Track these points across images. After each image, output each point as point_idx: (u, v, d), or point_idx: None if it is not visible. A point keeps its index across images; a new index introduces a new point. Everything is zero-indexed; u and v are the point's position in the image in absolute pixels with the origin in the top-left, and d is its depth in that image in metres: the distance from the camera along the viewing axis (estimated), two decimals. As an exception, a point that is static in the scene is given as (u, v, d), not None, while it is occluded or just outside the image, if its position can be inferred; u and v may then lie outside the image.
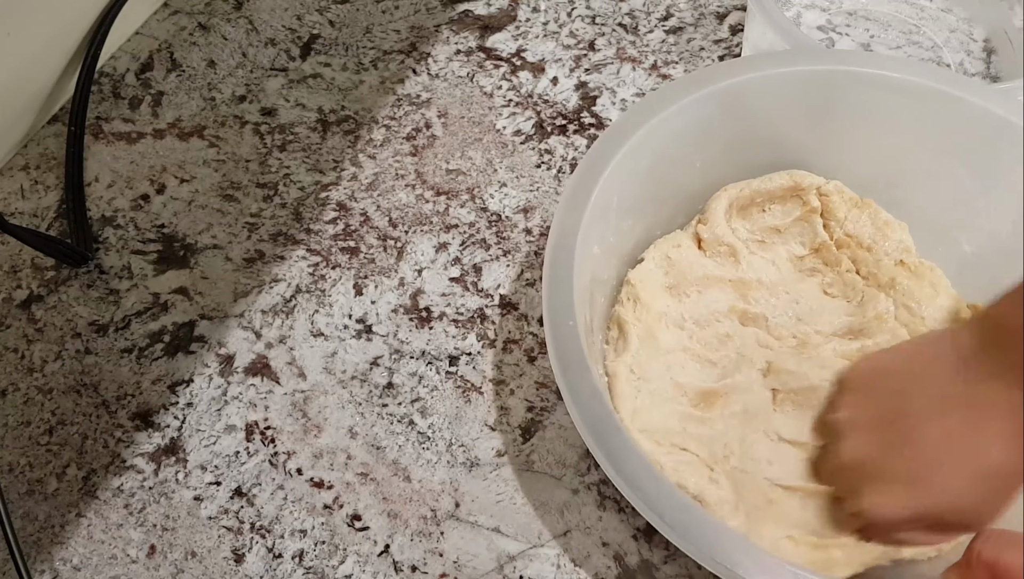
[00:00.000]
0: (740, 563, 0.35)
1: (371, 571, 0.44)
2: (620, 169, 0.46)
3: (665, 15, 0.67)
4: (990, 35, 0.64)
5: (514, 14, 0.67)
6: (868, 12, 0.66)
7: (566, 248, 0.43)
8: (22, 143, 0.60)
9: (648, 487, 0.37)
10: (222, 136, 0.60)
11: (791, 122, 0.51)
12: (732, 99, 0.49)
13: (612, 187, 0.46)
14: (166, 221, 0.56)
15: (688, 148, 0.50)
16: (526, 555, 0.44)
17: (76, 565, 0.44)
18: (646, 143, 0.47)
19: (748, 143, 0.51)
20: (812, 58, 0.50)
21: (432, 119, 0.61)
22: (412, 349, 0.51)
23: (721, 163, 0.51)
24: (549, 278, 0.42)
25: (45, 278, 0.54)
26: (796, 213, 0.52)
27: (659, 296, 0.49)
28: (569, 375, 0.40)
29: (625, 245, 0.50)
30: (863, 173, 0.52)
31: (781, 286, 0.51)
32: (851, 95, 0.49)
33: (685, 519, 0.36)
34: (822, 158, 0.52)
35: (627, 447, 0.38)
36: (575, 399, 0.39)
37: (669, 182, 0.50)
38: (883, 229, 0.50)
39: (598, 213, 0.45)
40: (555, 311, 0.41)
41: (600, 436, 0.38)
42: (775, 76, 0.49)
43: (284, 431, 0.48)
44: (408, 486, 0.46)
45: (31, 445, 0.48)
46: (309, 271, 0.54)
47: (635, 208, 0.49)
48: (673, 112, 0.48)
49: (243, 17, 0.67)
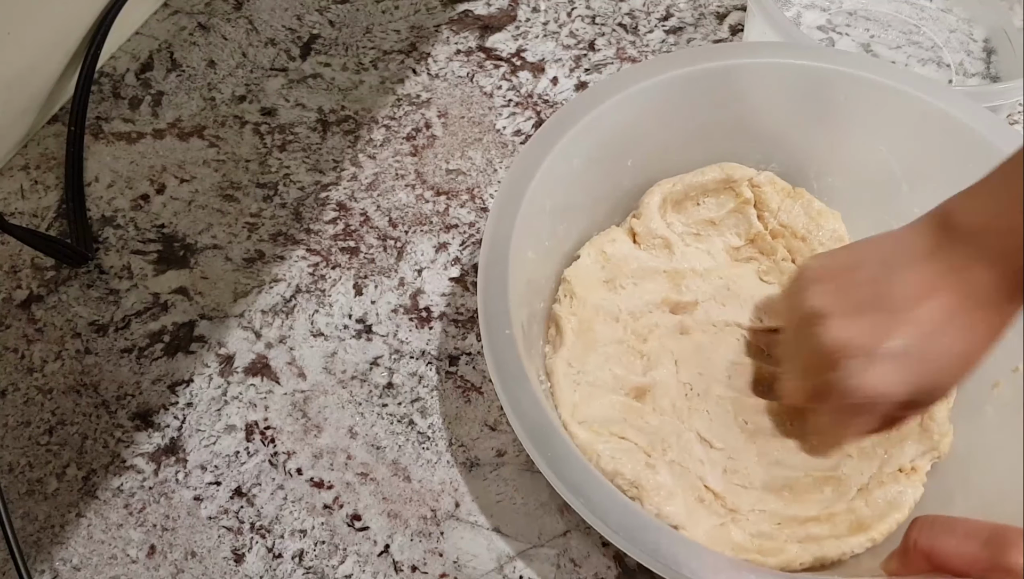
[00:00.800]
0: (684, 563, 0.35)
1: (371, 571, 0.44)
2: (551, 172, 0.46)
3: (665, 15, 0.67)
4: (990, 35, 0.64)
5: (514, 14, 0.67)
6: (868, 12, 0.66)
7: (499, 258, 0.43)
8: (22, 143, 0.60)
9: (592, 493, 0.37)
10: (222, 136, 0.60)
11: (719, 114, 0.52)
12: (662, 96, 0.49)
13: (544, 191, 0.46)
14: (166, 221, 0.56)
15: (620, 146, 0.50)
16: (526, 555, 0.44)
17: (76, 565, 0.44)
18: (578, 143, 0.47)
19: (681, 139, 0.52)
20: (719, 54, 0.50)
21: (432, 119, 0.61)
22: (412, 349, 0.51)
23: (655, 160, 0.52)
24: (484, 289, 0.42)
25: (45, 278, 0.54)
26: (730, 205, 0.52)
27: (595, 290, 0.49)
28: (508, 384, 0.40)
29: (562, 247, 0.50)
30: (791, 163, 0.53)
31: (715, 273, 0.51)
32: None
33: (629, 523, 0.36)
34: (753, 151, 0.53)
35: (569, 454, 0.38)
36: (514, 408, 0.39)
37: (603, 181, 0.51)
38: (816, 218, 0.51)
39: (531, 218, 0.45)
40: (491, 320, 0.41)
41: (541, 444, 0.38)
42: (706, 70, 0.50)
43: (284, 431, 0.48)
44: (408, 486, 0.46)
45: (31, 445, 0.48)
46: (309, 271, 0.54)
47: (570, 210, 0.49)
48: (603, 110, 0.48)
49: (243, 17, 0.67)
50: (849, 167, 0.52)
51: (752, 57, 0.50)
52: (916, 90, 0.48)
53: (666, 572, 0.36)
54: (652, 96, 0.49)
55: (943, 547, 0.33)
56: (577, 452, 0.38)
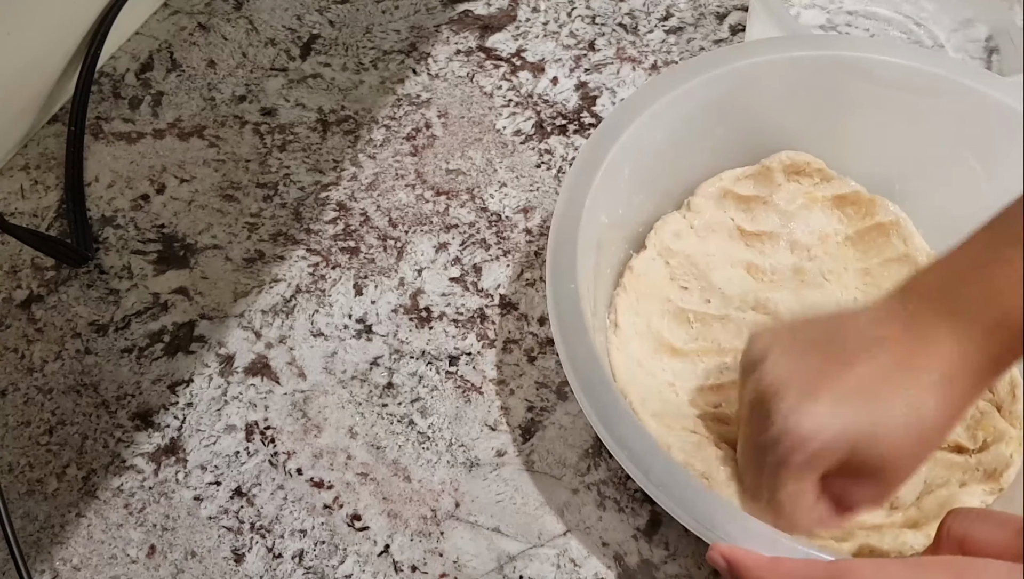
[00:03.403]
0: (720, 525, 0.35)
1: (371, 571, 0.44)
2: (635, 139, 0.46)
3: (665, 15, 0.67)
4: (991, 34, 0.64)
5: (514, 14, 0.67)
6: (868, 11, 0.65)
7: (573, 213, 0.43)
8: (22, 143, 0.60)
9: (636, 447, 0.37)
10: (222, 136, 0.60)
11: (793, 110, 0.51)
12: (744, 81, 0.49)
13: (625, 157, 0.45)
14: (166, 221, 0.56)
15: (704, 125, 0.49)
16: (526, 555, 0.44)
17: (76, 565, 0.44)
18: (664, 115, 0.47)
19: (753, 129, 0.51)
20: (812, 44, 0.50)
21: (432, 119, 0.61)
22: (412, 349, 0.51)
23: (734, 144, 0.51)
24: (555, 240, 0.42)
25: (45, 278, 0.54)
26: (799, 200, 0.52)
27: (659, 287, 0.48)
28: (567, 336, 0.40)
29: (634, 220, 0.49)
30: (869, 168, 0.52)
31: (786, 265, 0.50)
32: (853, 85, 0.50)
33: (670, 480, 0.36)
34: (828, 151, 0.52)
35: (619, 409, 0.38)
36: (572, 361, 0.39)
37: (683, 159, 0.50)
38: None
39: (608, 182, 0.45)
40: (558, 273, 0.41)
41: (594, 397, 0.38)
42: (782, 60, 0.49)
43: (284, 431, 0.48)
44: (408, 486, 0.46)
45: (31, 445, 0.48)
46: (309, 271, 0.54)
47: (647, 183, 0.49)
48: (690, 88, 0.47)
49: (243, 17, 0.67)
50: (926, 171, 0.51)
51: (847, 51, 0.49)
52: (995, 92, 0.47)
53: (701, 531, 0.35)
54: (740, 79, 0.48)
55: (976, 534, 0.33)
56: (628, 409, 0.38)
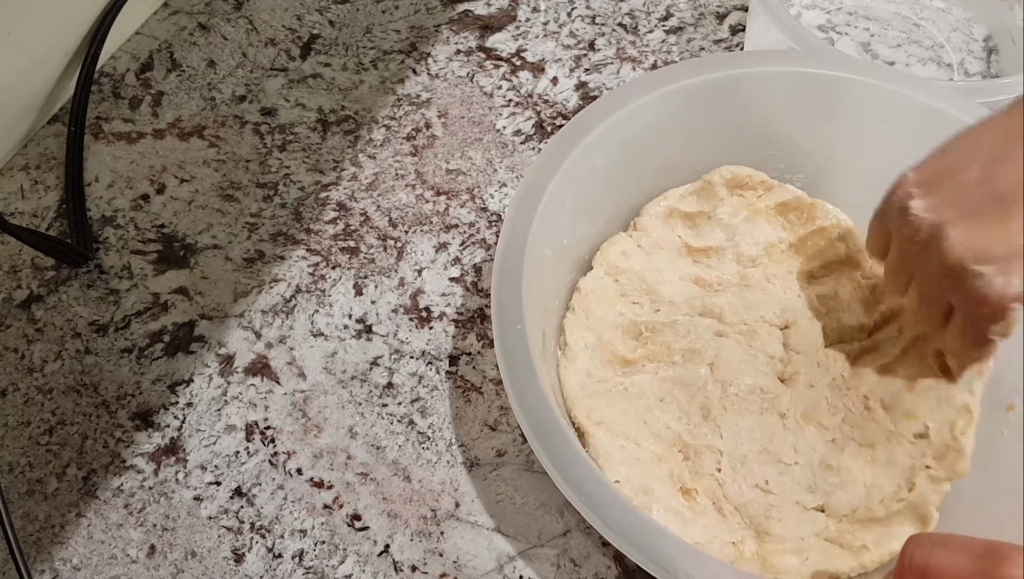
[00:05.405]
0: (681, 568, 0.35)
1: (371, 571, 0.44)
2: (574, 170, 0.46)
3: (665, 15, 0.67)
4: (991, 34, 0.64)
5: (514, 14, 0.67)
6: (868, 11, 0.65)
7: (515, 250, 0.43)
8: (22, 143, 0.60)
9: (593, 492, 0.37)
10: (222, 136, 0.60)
11: (741, 121, 0.51)
12: (688, 99, 0.49)
13: (565, 188, 0.45)
14: (166, 221, 0.56)
15: (645, 149, 0.49)
16: (526, 555, 0.44)
17: (76, 565, 0.44)
18: (602, 142, 0.47)
19: (702, 145, 0.51)
20: (799, 60, 0.49)
21: (432, 119, 0.61)
22: (412, 349, 0.51)
23: (675, 165, 0.51)
24: (498, 281, 0.42)
25: (45, 278, 0.54)
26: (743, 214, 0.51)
27: (610, 304, 0.48)
28: (516, 379, 0.40)
29: (579, 249, 0.49)
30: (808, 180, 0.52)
31: (735, 274, 0.50)
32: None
33: (626, 522, 0.36)
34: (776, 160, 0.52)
35: (571, 450, 0.38)
36: (521, 403, 0.39)
37: (626, 184, 0.50)
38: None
39: (551, 214, 0.45)
40: (503, 314, 0.41)
41: (545, 440, 0.38)
42: (751, 75, 0.49)
43: (284, 431, 0.48)
44: (408, 486, 0.46)
45: (31, 445, 0.48)
46: (309, 271, 0.54)
47: (590, 210, 0.49)
48: (630, 111, 0.47)
49: (243, 17, 0.67)
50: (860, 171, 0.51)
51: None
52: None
53: (663, 575, 0.35)
54: (678, 101, 0.48)
55: (937, 562, 0.33)
56: (581, 450, 0.38)
